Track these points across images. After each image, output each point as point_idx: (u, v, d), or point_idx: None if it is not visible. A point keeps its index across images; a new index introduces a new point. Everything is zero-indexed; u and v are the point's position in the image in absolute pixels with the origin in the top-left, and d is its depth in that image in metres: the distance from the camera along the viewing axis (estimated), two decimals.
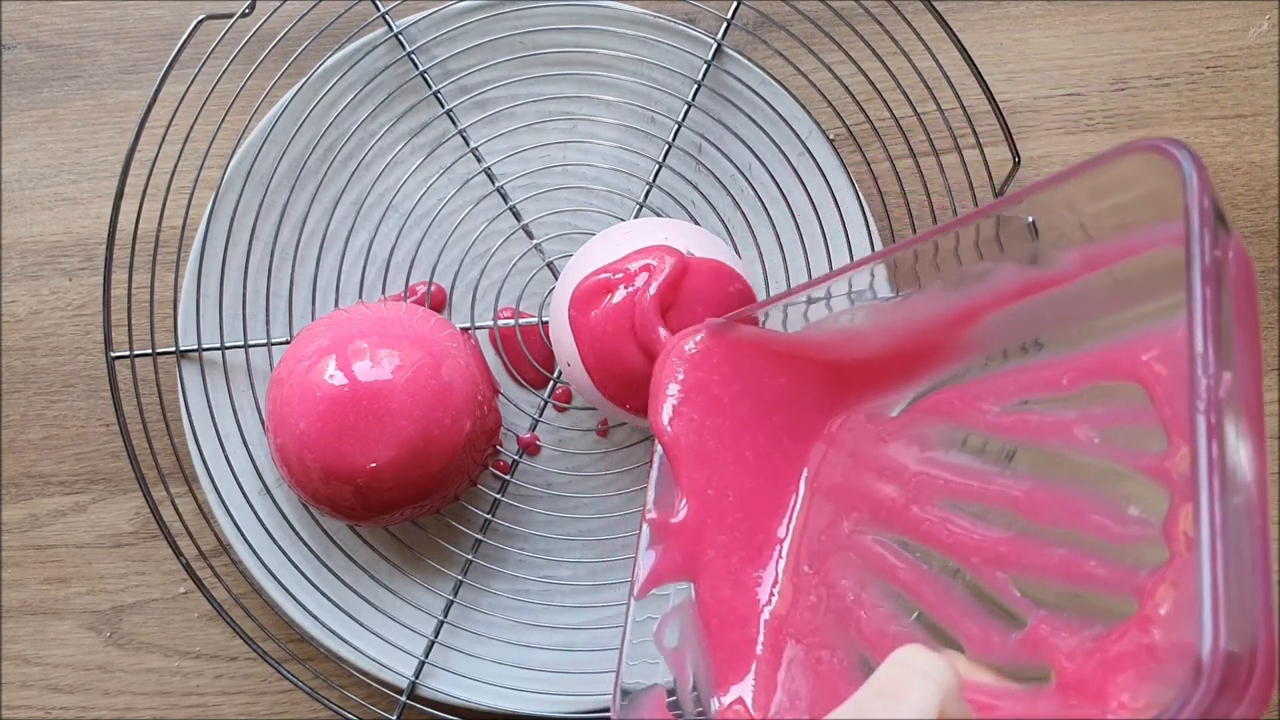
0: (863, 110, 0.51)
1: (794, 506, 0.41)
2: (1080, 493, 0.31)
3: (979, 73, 0.50)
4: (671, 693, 0.40)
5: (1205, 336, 0.26)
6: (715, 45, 0.51)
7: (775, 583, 0.40)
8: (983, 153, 0.51)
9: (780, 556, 0.41)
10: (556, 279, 0.51)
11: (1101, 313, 0.32)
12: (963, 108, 0.50)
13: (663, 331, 0.43)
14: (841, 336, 0.40)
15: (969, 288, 0.36)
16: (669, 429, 0.41)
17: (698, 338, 0.42)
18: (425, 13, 0.50)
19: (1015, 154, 0.50)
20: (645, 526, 0.41)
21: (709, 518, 0.41)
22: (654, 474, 0.42)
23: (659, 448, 0.42)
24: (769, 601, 0.40)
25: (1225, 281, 0.27)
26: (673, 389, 0.41)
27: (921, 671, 0.29)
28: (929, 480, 0.37)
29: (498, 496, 0.51)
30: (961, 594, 0.34)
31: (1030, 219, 0.33)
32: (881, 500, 0.38)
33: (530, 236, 0.52)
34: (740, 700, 0.38)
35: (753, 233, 0.51)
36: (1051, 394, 0.33)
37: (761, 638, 0.40)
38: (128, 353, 0.50)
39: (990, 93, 0.50)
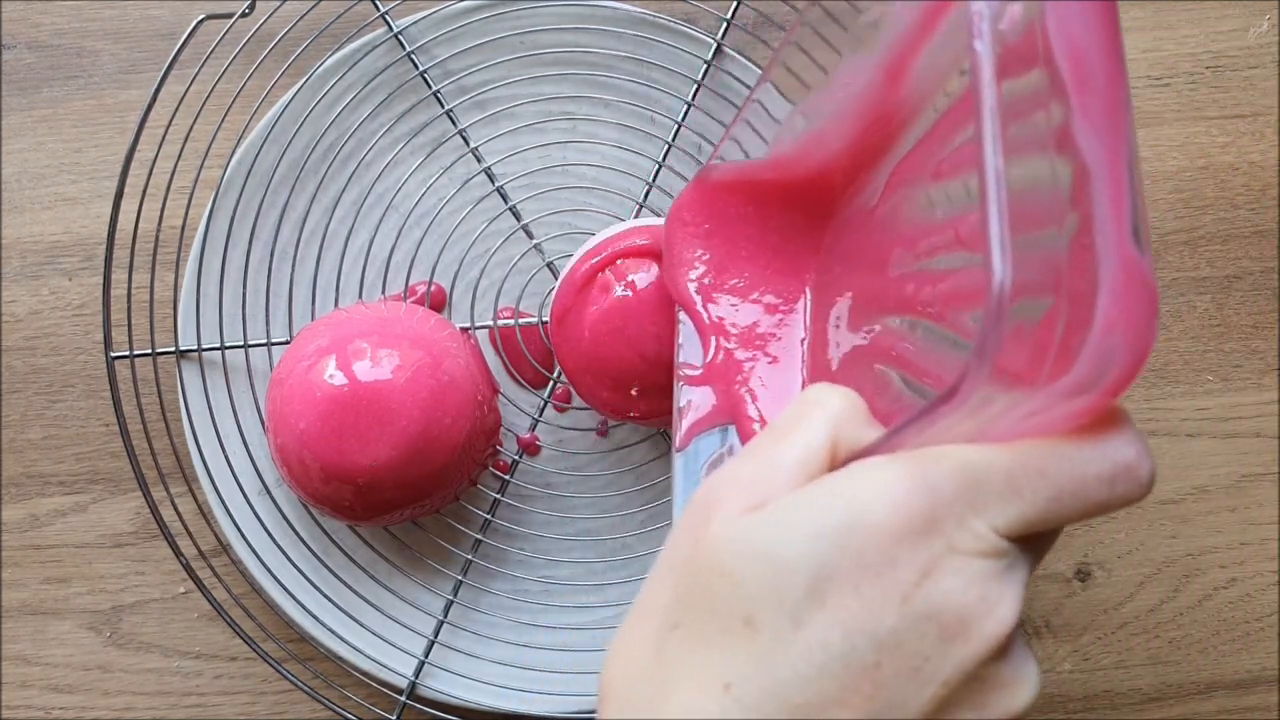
0: None
1: (805, 320, 0.42)
2: (1012, 198, 0.29)
3: None
4: None
5: None
6: (715, 45, 0.51)
7: None
8: None
9: (803, 370, 0.41)
10: (556, 279, 0.51)
11: None
12: None
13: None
14: (808, 142, 0.40)
15: (875, 43, 0.35)
16: (682, 287, 0.42)
17: (685, 195, 0.43)
18: (425, 13, 0.50)
19: None
20: (680, 384, 0.42)
21: (735, 355, 0.41)
22: (679, 335, 0.43)
23: (681, 312, 0.43)
24: None
25: None
26: (678, 249, 0.43)
27: (812, 401, 0.29)
28: (901, 251, 0.36)
29: (498, 496, 0.51)
30: (942, 352, 0.33)
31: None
32: (869, 289, 0.38)
33: (530, 236, 0.52)
34: None
35: None
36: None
37: None
38: (127, 353, 0.50)
39: None
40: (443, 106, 0.51)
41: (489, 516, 0.51)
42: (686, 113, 0.51)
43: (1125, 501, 0.27)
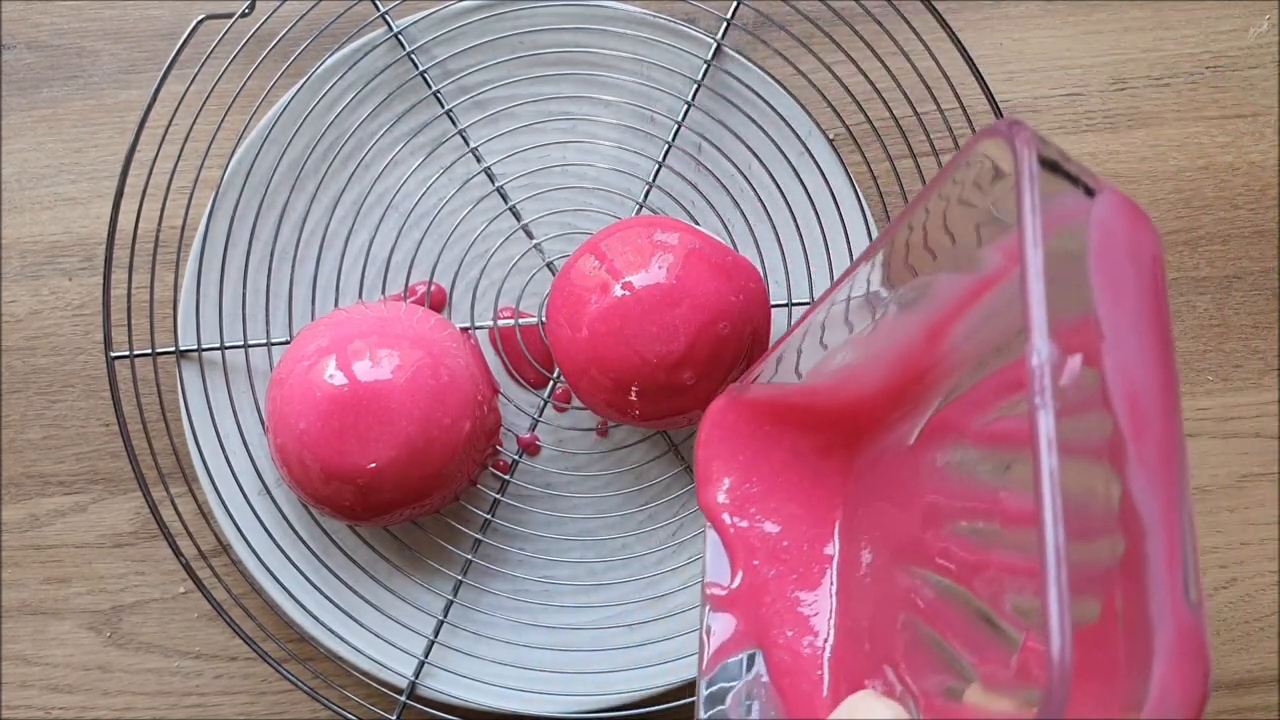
0: (862, 110, 0.51)
1: (834, 553, 0.41)
2: (1073, 489, 0.30)
3: (979, 73, 0.50)
4: None
5: (1030, 309, 0.24)
6: (715, 45, 0.51)
7: (829, 632, 0.40)
8: None
9: (831, 605, 0.41)
10: None
11: None
12: (962, 108, 0.50)
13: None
14: (843, 377, 0.40)
15: (922, 303, 0.35)
16: (712, 503, 0.42)
17: (715, 409, 0.43)
18: (425, 13, 0.50)
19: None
20: (706, 606, 0.41)
21: (763, 580, 0.41)
22: (707, 546, 0.42)
23: (709, 527, 0.42)
24: (826, 647, 0.40)
25: (1074, 247, 0.25)
26: (709, 464, 0.42)
27: (864, 716, 0.29)
28: (935, 506, 0.36)
29: (497, 496, 0.51)
30: (973, 622, 0.33)
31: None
32: (901, 533, 0.38)
33: (530, 236, 0.52)
34: None
35: (752, 233, 0.51)
36: (1021, 395, 0.32)
37: (826, 682, 0.40)
38: (127, 353, 0.50)
39: (990, 93, 0.50)
40: (443, 106, 0.51)
41: (489, 516, 0.51)
42: (686, 113, 0.51)
43: None
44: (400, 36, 0.50)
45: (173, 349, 0.50)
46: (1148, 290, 0.27)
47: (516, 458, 0.52)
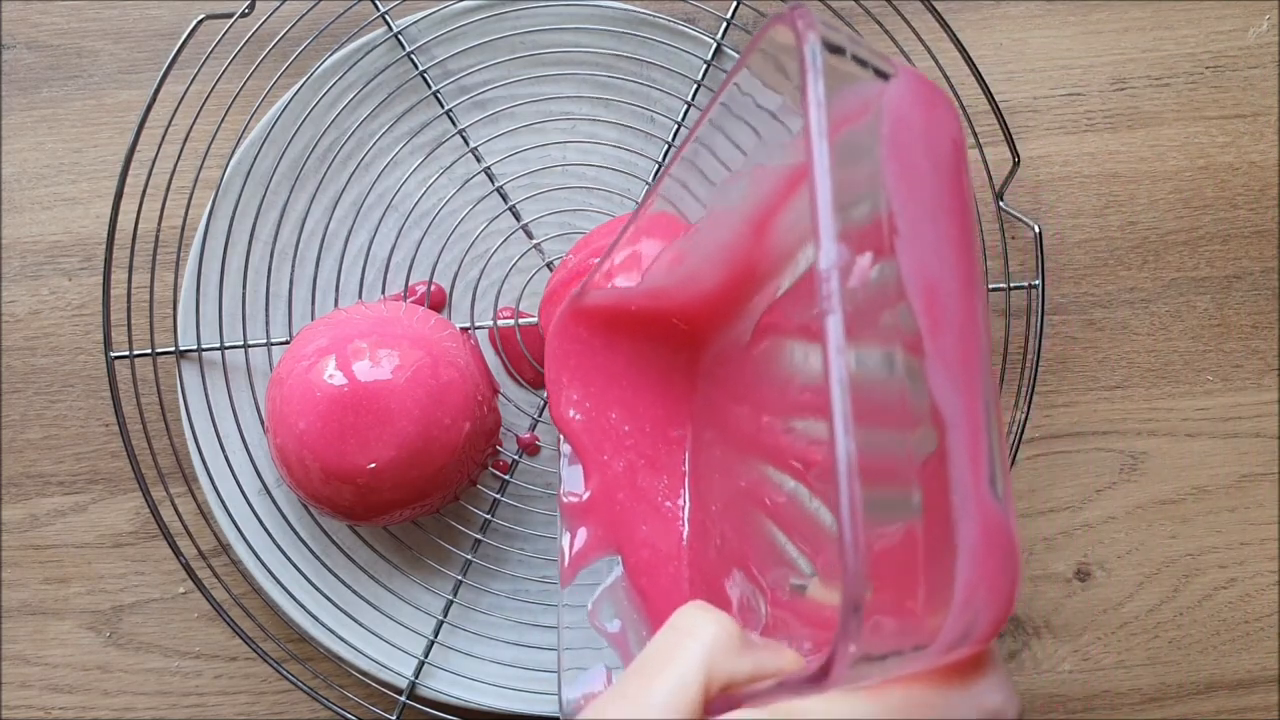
0: None
1: (686, 449, 0.42)
2: (877, 386, 0.28)
3: (979, 73, 0.50)
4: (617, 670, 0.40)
5: (817, 211, 0.23)
6: (715, 45, 0.51)
7: (684, 526, 0.41)
8: (982, 153, 0.51)
9: (684, 502, 0.41)
10: None
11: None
12: (962, 108, 0.50)
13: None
14: (682, 277, 0.40)
15: (744, 197, 0.34)
16: (562, 412, 0.42)
17: (559, 321, 0.43)
18: (425, 13, 0.50)
19: (1015, 154, 0.50)
20: (562, 514, 0.41)
21: (617, 485, 0.41)
22: (561, 459, 0.42)
23: (562, 438, 0.42)
24: (682, 542, 0.40)
25: (868, 138, 0.24)
26: (557, 374, 0.43)
27: (684, 630, 0.28)
28: (775, 397, 0.36)
29: (497, 496, 0.51)
30: (809, 517, 0.33)
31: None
32: (743, 430, 0.38)
33: (530, 236, 0.52)
34: None
35: None
36: None
37: (686, 576, 0.40)
38: (127, 353, 0.50)
39: (990, 93, 0.50)
40: (442, 106, 0.51)
41: (489, 516, 0.51)
42: (686, 113, 0.51)
43: None
44: (400, 36, 0.50)
45: (173, 349, 0.50)
46: (946, 179, 0.26)
47: (516, 458, 0.52)
